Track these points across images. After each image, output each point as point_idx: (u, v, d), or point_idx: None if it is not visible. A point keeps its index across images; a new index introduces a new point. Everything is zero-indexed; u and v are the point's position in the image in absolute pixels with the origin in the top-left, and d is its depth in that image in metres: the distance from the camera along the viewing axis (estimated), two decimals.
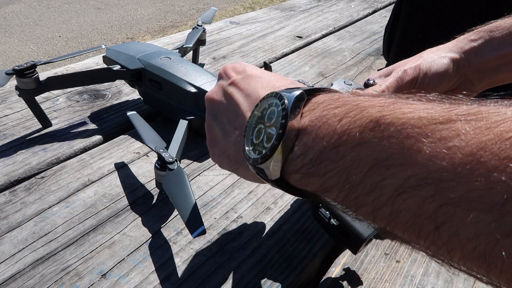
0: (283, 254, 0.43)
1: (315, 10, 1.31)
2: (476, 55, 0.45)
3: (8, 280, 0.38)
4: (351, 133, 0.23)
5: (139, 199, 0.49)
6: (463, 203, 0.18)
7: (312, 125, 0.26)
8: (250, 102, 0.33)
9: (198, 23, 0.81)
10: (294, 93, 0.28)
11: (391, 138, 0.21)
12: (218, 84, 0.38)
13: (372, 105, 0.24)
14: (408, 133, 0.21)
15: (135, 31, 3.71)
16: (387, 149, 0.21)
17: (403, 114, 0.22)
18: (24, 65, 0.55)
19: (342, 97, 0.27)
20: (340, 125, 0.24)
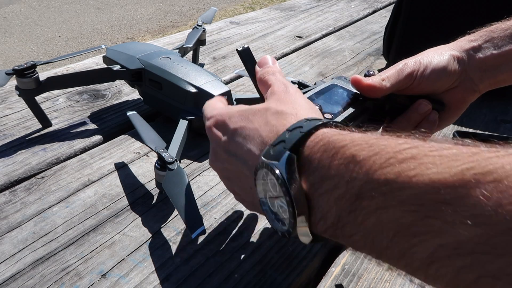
0: (283, 254, 0.43)
1: (315, 10, 1.31)
2: (475, 53, 0.45)
3: (8, 280, 0.38)
4: (365, 197, 0.22)
5: (139, 199, 0.49)
6: (504, 277, 0.17)
7: (321, 188, 0.26)
8: (250, 168, 0.33)
9: (198, 23, 0.81)
10: (283, 158, 0.27)
11: (409, 205, 0.20)
12: (212, 149, 0.39)
13: (381, 162, 0.23)
14: (424, 201, 0.20)
15: (135, 31, 3.71)
16: (407, 215, 0.20)
17: (415, 176, 0.21)
18: (24, 65, 0.55)
19: (340, 146, 0.26)
20: (351, 186, 0.23)
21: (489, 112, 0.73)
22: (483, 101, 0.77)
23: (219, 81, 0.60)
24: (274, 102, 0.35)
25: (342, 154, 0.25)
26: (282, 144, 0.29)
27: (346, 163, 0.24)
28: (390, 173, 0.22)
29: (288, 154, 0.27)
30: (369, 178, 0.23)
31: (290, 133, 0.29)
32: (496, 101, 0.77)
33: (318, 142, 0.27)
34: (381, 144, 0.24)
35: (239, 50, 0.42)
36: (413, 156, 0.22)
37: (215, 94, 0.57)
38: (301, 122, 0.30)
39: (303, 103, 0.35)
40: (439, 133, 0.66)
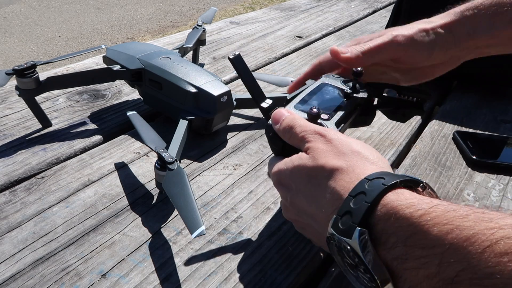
0: (283, 254, 0.43)
1: (315, 10, 1.31)
2: (469, 35, 0.44)
3: (8, 280, 0.38)
4: (463, 284, 0.22)
5: (139, 199, 0.49)
6: None
7: (406, 263, 0.25)
8: (320, 227, 0.33)
9: (198, 23, 0.81)
10: (355, 236, 0.27)
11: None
12: (282, 204, 0.39)
13: (478, 252, 0.22)
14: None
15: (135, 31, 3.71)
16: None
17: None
18: (24, 65, 0.55)
19: (419, 224, 0.25)
20: (444, 269, 0.23)
21: (489, 112, 0.73)
22: (483, 101, 0.77)
23: (219, 81, 0.60)
24: (322, 156, 0.34)
25: (423, 234, 0.25)
26: (348, 216, 0.28)
27: (432, 246, 0.24)
28: (490, 266, 0.22)
29: (359, 231, 0.27)
30: (465, 267, 0.23)
31: (354, 201, 0.29)
32: (496, 101, 0.77)
33: (390, 215, 0.27)
34: (467, 227, 0.24)
35: (230, 57, 0.42)
36: (511, 246, 0.22)
37: (215, 94, 0.57)
38: (363, 186, 0.29)
39: (349, 145, 0.34)
40: (438, 133, 0.66)
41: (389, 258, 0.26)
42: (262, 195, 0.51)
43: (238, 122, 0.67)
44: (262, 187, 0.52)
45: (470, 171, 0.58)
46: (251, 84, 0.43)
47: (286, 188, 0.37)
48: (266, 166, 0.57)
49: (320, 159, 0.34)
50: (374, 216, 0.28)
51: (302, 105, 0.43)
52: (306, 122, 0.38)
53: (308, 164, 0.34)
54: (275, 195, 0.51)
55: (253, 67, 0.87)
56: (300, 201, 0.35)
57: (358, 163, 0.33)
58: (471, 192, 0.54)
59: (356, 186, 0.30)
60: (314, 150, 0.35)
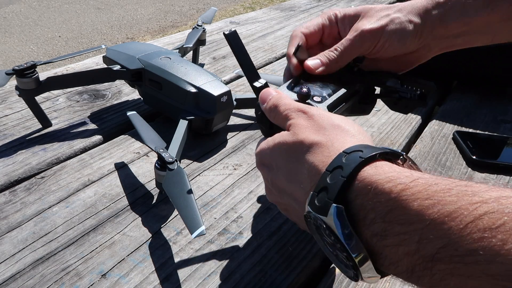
0: (283, 254, 0.43)
1: (315, 10, 1.31)
2: (441, 22, 0.43)
3: (8, 280, 0.38)
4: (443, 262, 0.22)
5: (139, 199, 0.49)
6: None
7: (385, 240, 0.25)
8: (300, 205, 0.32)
9: (198, 23, 0.81)
10: (331, 213, 0.26)
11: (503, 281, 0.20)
12: (265, 185, 0.39)
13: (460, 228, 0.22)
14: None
15: (135, 31, 3.71)
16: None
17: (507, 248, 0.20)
18: (24, 65, 0.55)
19: (399, 199, 0.24)
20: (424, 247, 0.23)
21: (489, 112, 0.73)
22: (483, 101, 0.77)
23: (219, 81, 0.60)
24: (301, 132, 0.34)
25: (403, 209, 0.24)
26: (325, 193, 0.28)
27: (411, 222, 0.23)
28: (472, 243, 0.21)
29: (335, 208, 0.26)
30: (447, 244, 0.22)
31: (330, 176, 0.28)
32: (496, 101, 0.77)
33: (368, 190, 0.26)
34: (449, 202, 0.23)
35: (226, 33, 0.40)
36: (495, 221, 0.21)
37: (215, 94, 0.57)
38: (340, 160, 0.29)
39: (330, 119, 0.34)
40: (438, 133, 0.66)
41: (368, 234, 0.26)
42: (262, 195, 0.51)
43: (238, 122, 0.67)
44: (262, 187, 0.52)
45: (470, 171, 0.58)
46: (245, 62, 0.41)
47: (267, 168, 0.36)
48: None
49: (299, 134, 0.33)
50: (352, 191, 0.27)
51: (295, 86, 0.42)
52: (292, 101, 0.38)
53: (288, 140, 0.34)
54: None
55: None
56: (280, 180, 0.35)
57: (338, 137, 0.32)
58: None
59: (333, 161, 0.29)
60: (295, 126, 0.35)
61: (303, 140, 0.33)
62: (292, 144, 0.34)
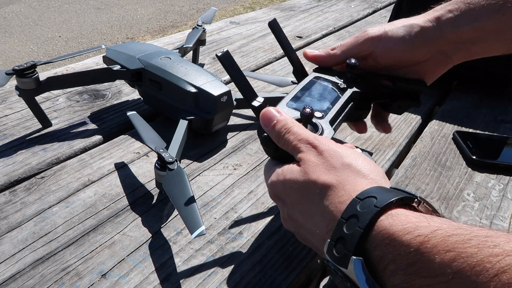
0: (283, 254, 0.43)
1: (315, 10, 1.31)
2: (451, 26, 0.44)
3: (8, 280, 0.38)
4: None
5: (139, 199, 0.49)
6: None
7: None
8: (317, 241, 0.32)
9: (198, 23, 0.81)
10: (352, 267, 0.26)
11: None
12: (281, 215, 0.39)
13: (485, 282, 0.21)
14: None
15: (135, 31, 3.70)
16: None
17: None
18: (24, 65, 0.55)
19: (418, 252, 0.24)
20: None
21: (489, 112, 0.73)
22: (483, 101, 0.77)
23: (219, 81, 0.60)
24: (312, 171, 0.33)
25: (424, 262, 0.24)
26: (343, 243, 0.28)
27: (434, 275, 0.23)
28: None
29: (355, 260, 0.26)
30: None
31: (346, 225, 0.28)
32: (496, 101, 0.77)
33: (387, 242, 0.26)
34: (471, 253, 0.22)
35: (218, 55, 0.40)
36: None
37: (215, 94, 0.57)
38: (354, 208, 0.29)
39: (341, 158, 0.33)
40: (438, 133, 0.66)
41: (389, 285, 0.26)
42: (262, 195, 0.51)
43: (238, 122, 0.67)
44: (262, 187, 0.52)
45: (470, 171, 0.58)
46: (241, 82, 0.41)
47: (282, 202, 0.37)
48: None
49: (310, 173, 0.33)
50: (370, 242, 0.27)
51: (294, 102, 0.42)
52: (300, 128, 0.37)
53: (299, 179, 0.34)
54: None
55: (253, 67, 0.87)
56: (297, 216, 0.35)
57: (349, 178, 0.32)
58: (471, 192, 0.54)
59: (347, 208, 0.29)
60: (305, 163, 0.34)
61: (315, 180, 0.33)
62: (303, 183, 0.33)
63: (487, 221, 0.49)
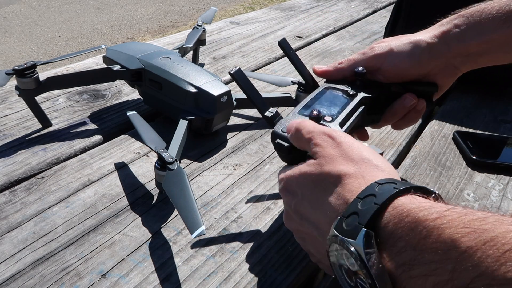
0: (283, 254, 0.43)
1: (315, 10, 1.31)
2: (458, 41, 0.44)
3: (8, 280, 0.38)
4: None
5: (139, 199, 0.49)
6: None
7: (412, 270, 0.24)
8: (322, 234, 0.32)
9: (198, 23, 0.81)
10: (360, 237, 0.26)
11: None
12: (285, 210, 0.38)
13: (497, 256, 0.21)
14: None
15: (135, 31, 3.70)
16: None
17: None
18: (24, 65, 0.55)
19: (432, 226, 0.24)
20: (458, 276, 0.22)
21: (489, 112, 0.73)
22: (483, 101, 0.77)
23: (219, 81, 0.60)
24: (329, 162, 0.33)
25: (437, 236, 0.23)
26: (355, 217, 0.27)
27: (446, 250, 0.23)
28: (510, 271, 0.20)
29: (364, 232, 0.26)
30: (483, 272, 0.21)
31: (362, 203, 0.28)
32: (496, 101, 0.77)
33: (401, 217, 0.26)
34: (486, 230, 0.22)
35: (231, 72, 0.43)
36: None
37: (215, 94, 0.57)
38: (373, 188, 0.28)
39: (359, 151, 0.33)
40: (438, 133, 0.66)
41: (393, 265, 0.25)
42: (262, 195, 0.51)
43: (238, 122, 0.67)
44: (262, 187, 0.52)
45: (470, 171, 0.58)
46: (254, 96, 0.43)
47: (292, 195, 0.36)
48: (266, 166, 0.57)
49: (327, 164, 0.33)
50: (383, 219, 0.27)
51: (305, 110, 0.43)
52: (314, 123, 0.38)
53: (315, 171, 0.34)
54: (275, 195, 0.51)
55: (253, 67, 0.87)
56: (304, 207, 0.35)
57: (368, 170, 0.32)
58: (471, 192, 0.54)
59: (365, 189, 0.29)
60: (322, 156, 0.34)
61: (331, 170, 0.33)
62: (319, 174, 0.33)
63: None
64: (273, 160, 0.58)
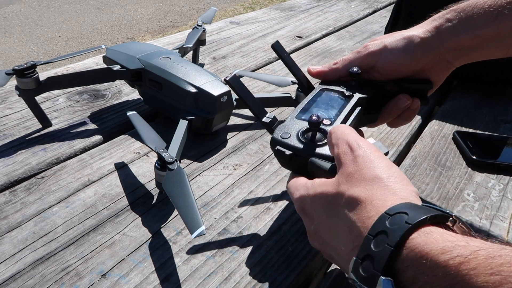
0: (283, 254, 0.43)
1: (315, 10, 1.31)
2: (451, 35, 0.44)
3: (8, 280, 0.38)
4: None
5: (139, 199, 0.49)
6: None
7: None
8: (343, 260, 0.31)
9: (198, 23, 0.81)
10: (380, 283, 0.24)
11: None
12: (307, 231, 0.37)
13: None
14: None
15: (135, 31, 3.70)
16: None
17: None
18: (24, 65, 0.55)
19: (458, 275, 0.22)
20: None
21: (489, 112, 0.73)
22: (483, 101, 0.77)
23: (219, 81, 0.60)
24: (344, 182, 0.32)
25: (467, 286, 0.22)
26: (370, 262, 0.26)
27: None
28: None
29: (383, 280, 0.25)
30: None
31: (374, 242, 0.26)
32: (496, 101, 0.77)
33: (420, 262, 0.24)
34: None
35: (227, 79, 0.42)
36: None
37: (215, 94, 0.57)
38: (383, 223, 0.27)
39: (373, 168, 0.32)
40: (438, 133, 0.66)
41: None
42: (262, 195, 0.51)
43: (238, 122, 0.67)
44: (262, 187, 0.52)
45: (470, 171, 0.58)
46: (251, 102, 0.43)
47: (309, 218, 0.36)
48: (266, 166, 0.57)
49: (342, 184, 0.32)
50: (401, 261, 0.25)
51: (303, 114, 0.43)
52: (344, 129, 0.37)
53: (330, 191, 0.33)
54: (275, 195, 0.51)
55: (253, 67, 0.87)
56: (324, 232, 0.34)
57: (377, 193, 0.30)
58: (471, 192, 0.54)
59: (375, 224, 0.27)
60: (340, 173, 0.33)
61: (344, 192, 0.32)
62: (334, 196, 0.32)
63: (487, 221, 0.49)
64: (273, 160, 0.58)
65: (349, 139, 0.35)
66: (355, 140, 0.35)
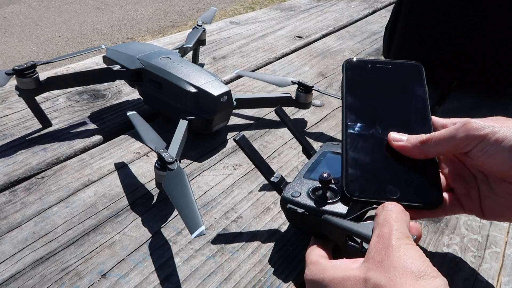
0: (283, 254, 0.43)
1: (315, 10, 1.31)
2: None
3: (8, 280, 0.38)
4: None
5: (139, 199, 0.49)
6: None
7: None
8: None
9: (198, 23, 0.81)
10: None
11: None
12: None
13: None
14: None
15: (135, 31, 3.70)
16: None
17: None
18: (24, 65, 0.55)
19: None
20: None
21: (489, 112, 0.73)
22: (483, 101, 0.77)
23: (219, 81, 0.60)
24: (373, 267, 0.30)
25: None
26: None
27: None
28: None
29: None
30: None
31: None
32: (496, 101, 0.77)
33: None
34: None
35: (236, 139, 0.42)
36: None
37: (215, 94, 0.57)
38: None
39: (404, 266, 0.29)
40: None
41: None
42: (262, 195, 0.51)
43: (238, 122, 0.67)
44: (262, 187, 0.52)
45: None
46: (259, 162, 0.44)
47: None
48: None
49: (370, 270, 0.30)
50: None
51: (310, 173, 0.44)
52: (398, 210, 0.34)
53: (359, 274, 0.30)
54: (275, 195, 0.51)
55: (253, 67, 0.87)
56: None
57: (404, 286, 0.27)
58: None
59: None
60: (370, 258, 0.31)
61: (369, 277, 0.29)
62: (359, 278, 0.30)
63: (487, 221, 0.49)
64: (273, 160, 0.58)
65: (388, 218, 0.32)
66: (393, 220, 0.32)
